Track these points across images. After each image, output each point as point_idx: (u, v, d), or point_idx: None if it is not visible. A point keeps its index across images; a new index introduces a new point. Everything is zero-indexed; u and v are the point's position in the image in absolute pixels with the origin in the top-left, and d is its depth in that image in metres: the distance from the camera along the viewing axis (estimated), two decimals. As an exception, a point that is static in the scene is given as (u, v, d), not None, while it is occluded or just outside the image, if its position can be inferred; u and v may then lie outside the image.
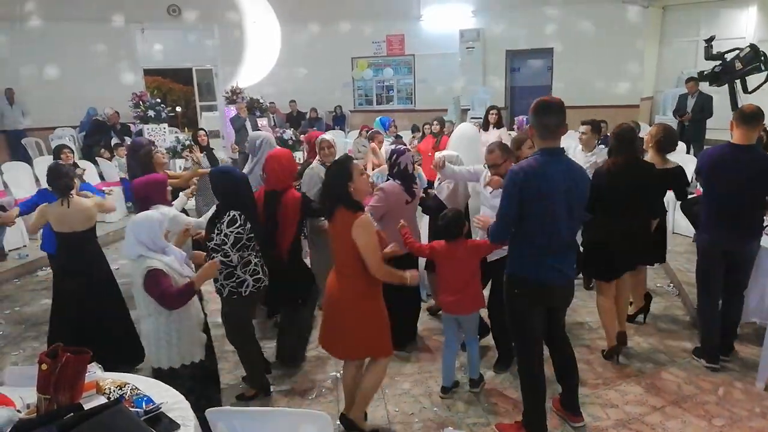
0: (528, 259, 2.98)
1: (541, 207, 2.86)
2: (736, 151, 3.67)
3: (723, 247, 3.80)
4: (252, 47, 14.45)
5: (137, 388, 2.41)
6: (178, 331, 2.97)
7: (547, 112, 2.86)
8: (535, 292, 3.01)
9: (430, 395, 3.79)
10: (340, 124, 14.28)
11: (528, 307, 3.06)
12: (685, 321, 4.82)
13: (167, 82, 16.57)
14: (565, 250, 3.01)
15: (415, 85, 15.09)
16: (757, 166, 3.63)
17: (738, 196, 3.67)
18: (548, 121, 2.86)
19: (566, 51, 13.08)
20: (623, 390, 3.76)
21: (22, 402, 2.29)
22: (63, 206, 4.04)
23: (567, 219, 2.91)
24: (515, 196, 2.85)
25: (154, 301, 2.86)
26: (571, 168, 2.95)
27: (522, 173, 2.84)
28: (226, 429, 2.17)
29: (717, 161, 3.76)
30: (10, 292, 6.14)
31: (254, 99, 11.34)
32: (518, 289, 3.05)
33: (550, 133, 2.87)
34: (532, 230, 2.93)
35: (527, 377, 3.18)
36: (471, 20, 13.92)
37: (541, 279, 2.97)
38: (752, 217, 3.80)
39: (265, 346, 4.30)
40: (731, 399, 3.60)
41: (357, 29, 14.67)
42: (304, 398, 3.85)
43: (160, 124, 10.97)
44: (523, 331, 3.14)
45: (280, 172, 4.06)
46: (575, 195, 2.91)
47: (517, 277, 3.05)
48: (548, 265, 2.95)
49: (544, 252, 2.94)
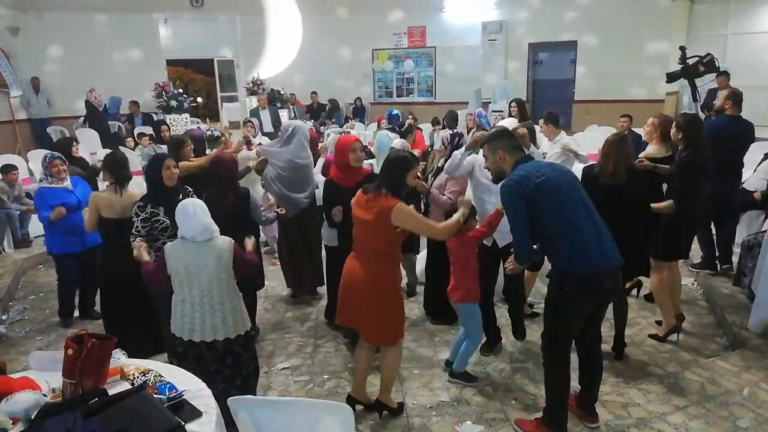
0: (568, 253, 2.93)
1: (549, 198, 2.89)
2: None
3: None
4: (273, 38, 14.48)
5: (161, 375, 2.43)
6: (241, 300, 3.18)
7: (509, 135, 3.34)
8: (587, 284, 2.96)
9: (448, 389, 3.78)
10: (360, 116, 14.27)
11: (577, 305, 3.01)
12: (709, 321, 4.74)
13: (189, 72, 16.64)
14: (599, 232, 2.96)
15: (436, 77, 15.01)
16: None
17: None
18: (514, 141, 3.27)
19: (590, 44, 12.90)
20: (645, 389, 3.70)
21: (48, 386, 2.33)
22: (116, 194, 4.12)
23: (581, 203, 2.97)
24: (518, 203, 2.95)
25: (232, 275, 3.04)
26: (549, 163, 3.27)
27: (514, 182, 2.99)
28: (248, 418, 2.18)
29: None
30: (35, 278, 6.25)
31: (275, 90, 11.38)
32: (569, 287, 2.98)
33: (519, 149, 3.22)
34: (558, 224, 2.91)
35: (558, 375, 3.13)
36: (493, 12, 13.79)
37: (589, 268, 2.91)
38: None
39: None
40: (756, 400, 3.53)
41: (378, 21, 14.62)
42: (322, 389, 3.87)
43: (181, 114, 11.07)
44: (567, 330, 3.09)
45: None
46: (573, 180, 3.07)
47: (565, 275, 2.99)
48: (590, 252, 2.91)
49: (580, 238, 2.90)
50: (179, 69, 16.02)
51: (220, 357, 3.07)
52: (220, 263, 2.97)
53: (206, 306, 2.99)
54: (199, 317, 3.00)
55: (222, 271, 2.99)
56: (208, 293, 2.98)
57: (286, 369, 4.14)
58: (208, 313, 2.99)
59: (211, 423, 2.18)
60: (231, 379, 3.14)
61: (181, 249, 2.98)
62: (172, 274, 3.01)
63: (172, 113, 11.17)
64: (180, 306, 3.02)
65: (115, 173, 4.17)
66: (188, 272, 2.95)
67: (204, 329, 3.00)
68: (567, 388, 3.16)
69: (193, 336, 3.01)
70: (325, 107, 13.88)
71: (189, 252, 2.95)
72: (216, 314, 3.00)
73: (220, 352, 3.06)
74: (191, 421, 2.16)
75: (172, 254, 2.99)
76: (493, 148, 3.18)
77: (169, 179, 3.72)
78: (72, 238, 4.75)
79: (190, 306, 2.99)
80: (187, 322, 3.00)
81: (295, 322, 4.91)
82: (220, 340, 3.03)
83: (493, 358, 4.17)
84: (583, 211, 2.96)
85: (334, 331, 4.60)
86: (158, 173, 3.71)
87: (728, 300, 4.82)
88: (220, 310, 3.01)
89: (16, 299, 5.65)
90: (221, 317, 3.02)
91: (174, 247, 3.02)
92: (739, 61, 11.10)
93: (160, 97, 11.19)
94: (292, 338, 4.61)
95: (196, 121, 12.00)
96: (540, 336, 3.27)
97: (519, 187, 2.94)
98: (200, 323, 2.99)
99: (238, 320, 3.09)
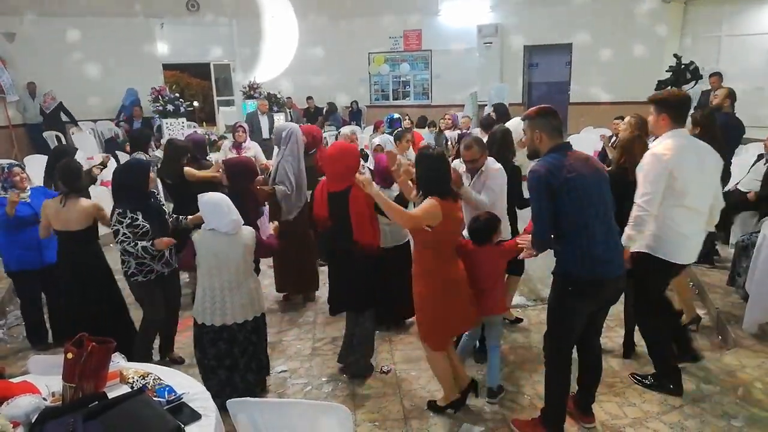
0: (575, 256, 2.93)
1: (574, 199, 2.84)
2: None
3: None
4: (269, 42, 14.50)
5: (160, 378, 2.45)
6: (258, 282, 3.68)
7: (554, 115, 3.04)
8: (588, 289, 2.97)
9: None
10: (356, 119, 14.30)
11: (579, 306, 3.02)
12: (703, 321, 4.76)
13: (185, 76, 16.66)
14: (609, 240, 2.95)
15: (432, 80, 15.05)
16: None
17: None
18: (555, 122, 3.02)
19: (585, 46, 12.95)
20: (641, 388, 3.73)
21: (48, 390, 2.35)
22: (60, 205, 4.00)
23: (603, 202, 2.92)
24: (544, 193, 2.87)
25: (250, 263, 3.48)
26: (587, 157, 3.03)
27: (543, 169, 2.86)
28: (247, 419, 2.20)
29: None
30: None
31: (271, 94, 11.38)
32: (572, 287, 2.99)
33: (558, 132, 3.02)
34: (575, 222, 2.89)
35: (558, 375, 3.15)
36: (489, 15, 13.84)
37: (593, 274, 2.92)
38: None
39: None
40: (751, 399, 3.56)
41: (374, 24, 14.65)
42: (320, 392, 3.89)
43: (178, 119, 11.08)
44: (568, 331, 3.10)
45: (343, 172, 3.76)
46: (601, 176, 2.96)
47: (568, 276, 3.00)
48: (597, 259, 2.90)
49: (595, 244, 2.89)
50: (176, 73, 16.04)
51: (248, 336, 3.52)
52: (246, 250, 3.43)
53: (234, 289, 3.41)
54: (229, 300, 3.41)
55: (247, 257, 3.45)
56: (236, 277, 3.40)
57: (284, 372, 4.15)
58: (236, 296, 3.43)
59: (211, 426, 2.20)
60: (253, 357, 3.60)
61: (212, 239, 3.36)
62: (201, 261, 3.40)
63: (169, 117, 11.16)
64: (209, 293, 3.41)
65: (69, 184, 4.04)
66: (218, 259, 3.36)
67: (234, 311, 3.43)
68: (567, 389, 3.17)
69: (226, 320, 3.42)
70: (322, 111, 13.90)
71: (219, 241, 3.34)
72: (244, 295, 3.45)
73: (249, 332, 3.52)
74: (190, 423, 2.18)
75: (202, 243, 3.38)
76: (533, 126, 3.01)
77: (152, 184, 3.89)
78: (29, 253, 4.43)
79: (219, 291, 3.39)
80: (218, 308, 3.40)
81: (293, 326, 4.93)
82: (249, 320, 3.50)
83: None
84: (602, 218, 2.92)
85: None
86: (145, 179, 3.79)
87: (723, 300, 4.85)
88: (247, 291, 3.47)
89: (13, 304, 5.64)
90: (249, 298, 3.48)
91: (204, 237, 3.38)
92: (733, 63, 11.15)
93: (157, 102, 11.18)
94: (290, 341, 4.63)
95: (192, 125, 12.01)
96: (542, 337, 3.28)
97: (547, 176, 2.84)
98: (230, 306, 3.42)
99: (261, 300, 3.64)
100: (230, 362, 3.51)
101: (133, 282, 3.85)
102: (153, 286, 3.89)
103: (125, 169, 3.96)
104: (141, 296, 3.96)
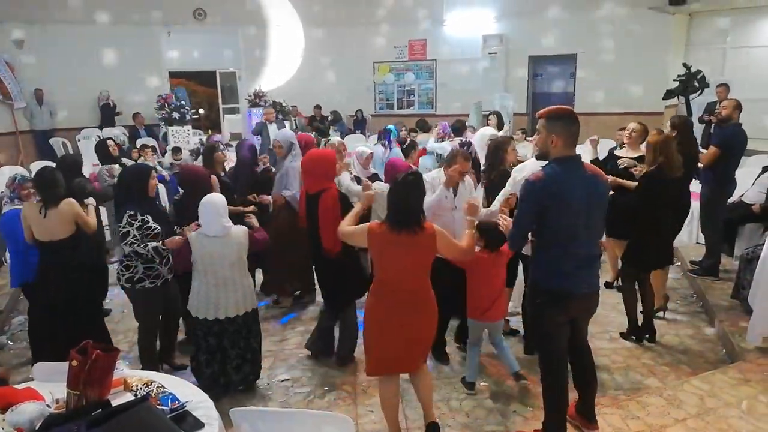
0: (549, 268, 2.96)
1: (561, 215, 2.85)
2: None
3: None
4: (275, 51, 14.59)
5: (163, 386, 2.45)
6: (251, 279, 3.95)
7: (574, 121, 2.91)
8: (556, 301, 2.98)
9: (448, 401, 3.79)
10: (360, 128, 14.35)
11: (550, 317, 3.03)
12: (707, 334, 4.75)
13: (191, 84, 16.75)
14: (586, 258, 2.97)
15: (437, 90, 15.10)
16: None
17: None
18: (575, 128, 2.90)
19: (590, 57, 12.98)
20: (644, 401, 3.71)
21: (52, 397, 2.36)
22: (40, 215, 3.89)
23: (587, 227, 2.89)
24: (532, 205, 2.87)
25: (244, 260, 3.69)
26: (591, 173, 2.94)
27: (540, 183, 2.85)
28: (250, 428, 2.20)
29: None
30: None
31: (277, 102, 11.42)
32: (540, 299, 3.03)
33: (574, 141, 2.91)
34: (552, 239, 2.91)
35: (550, 386, 3.14)
36: (494, 25, 13.89)
37: (562, 288, 2.94)
38: None
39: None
40: (755, 413, 3.54)
41: (380, 34, 14.72)
42: (323, 401, 3.88)
43: (184, 126, 11.13)
44: (547, 341, 3.11)
45: (318, 175, 4.12)
46: (595, 201, 2.90)
47: (539, 286, 3.04)
48: (569, 274, 2.92)
49: (565, 260, 2.91)
50: (182, 81, 16.14)
51: (238, 329, 3.72)
52: (240, 249, 3.63)
53: (229, 285, 3.63)
54: (223, 296, 3.63)
55: (241, 255, 3.66)
56: (230, 275, 3.62)
57: (287, 381, 4.15)
58: (231, 292, 3.64)
59: (213, 434, 2.21)
60: (247, 349, 3.79)
61: (207, 239, 3.56)
62: (197, 260, 3.59)
63: (174, 125, 11.22)
64: (204, 289, 3.61)
65: (44, 192, 3.94)
66: (212, 259, 3.56)
67: (228, 307, 3.64)
68: (565, 399, 3.16)
69: (218, 314, 3.63)
70: (327, 119, 13.96)
71: (212, 242, 3.56)
72: (238, 292, 3.67)
73: (239, 326, 3.71)
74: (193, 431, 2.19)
75: (199, 243, 3.57)
76: (551, 129, 2.88)
77: (152, 189, 3.94)
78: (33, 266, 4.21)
79: (214, 288, 3.60)
80: (212, 302, 3.61)
81: (295, 334, 4.93)
82: (240, 314, 3.69)
83: (493, 370, 4.18)
84: (583, 240, 2.89)
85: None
86: (146, 184, 3.85)
87: (727, 313, 4.83)
88: (241, 288, 3.68)
89: (17, 310, 5.66)
90: (242, 294, 3.69)
91: (200, 238, 3.58)
92: (738, 74, 11.15)
93: (163, 109, 11.25)
94: (291, 350, 4.63)
95: (198, 133, 12.07)
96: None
97: (542, 190, 2.82)
98: (224, 302, 3.63)
99: (253, 296, 3.82)
100: (221, 356, 3.75)
101: (139, 289, 3.82)
102: (158, 293, 3.89)
103: (131, 174, 3.98)
104: (144, 305, 3.93)
